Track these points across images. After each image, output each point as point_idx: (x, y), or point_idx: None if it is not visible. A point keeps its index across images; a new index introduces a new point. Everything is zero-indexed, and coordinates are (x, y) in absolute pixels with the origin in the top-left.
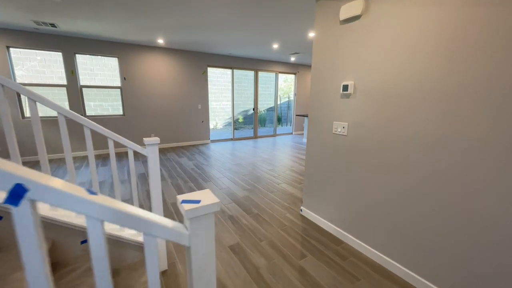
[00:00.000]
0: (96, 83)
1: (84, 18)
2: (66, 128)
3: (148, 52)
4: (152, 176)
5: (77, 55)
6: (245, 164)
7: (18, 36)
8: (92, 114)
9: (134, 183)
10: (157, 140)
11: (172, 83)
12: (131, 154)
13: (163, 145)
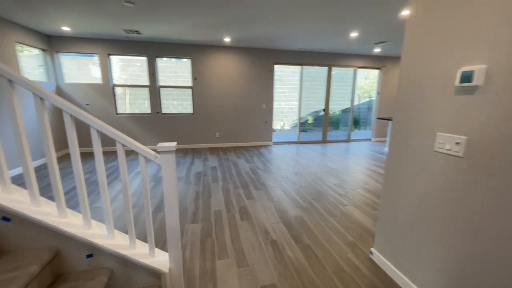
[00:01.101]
0: (171, 84)
1: (159, 22)
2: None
3: (216, 51)
4: (167, 191)
5: (157, 58)
6: (306, 173)
7: (115, 45)
8: (166, 112)
9: (147, 195)
10: (173, 147)
11: (237, 82)
12: (143, 161)
13: (225, 144)
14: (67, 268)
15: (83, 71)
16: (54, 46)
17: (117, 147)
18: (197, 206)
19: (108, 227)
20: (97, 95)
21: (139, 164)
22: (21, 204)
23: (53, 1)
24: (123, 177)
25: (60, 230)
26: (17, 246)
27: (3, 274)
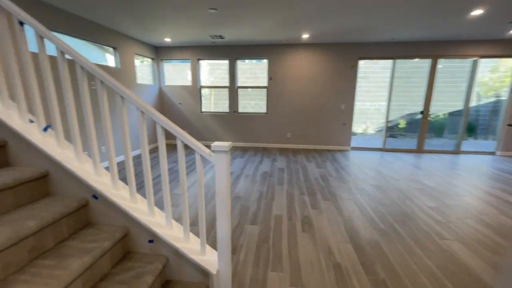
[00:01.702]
0: (251, 84)
1: (239, 25)
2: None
3: (292, 50)
4: (219, 191)
5: (238, 60)
6: (389, 188)
7: (203, 51)
8: (242, 111)
9: (202, 194)
10: (226, 147)
11: (313, 81)
12: (199, 159)
13: (295, 145)
14: (134, 248)
15: (179, 75)
16: (160, 55)
17: (177, 142)
18: (259, 207)
19: (167, 217)
20: (188, 95)
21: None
22: (105, 186)
23: (158, 19)
24: (182, 171)
25: (129, 214)
26: (100, 221)
27: (85, 243)
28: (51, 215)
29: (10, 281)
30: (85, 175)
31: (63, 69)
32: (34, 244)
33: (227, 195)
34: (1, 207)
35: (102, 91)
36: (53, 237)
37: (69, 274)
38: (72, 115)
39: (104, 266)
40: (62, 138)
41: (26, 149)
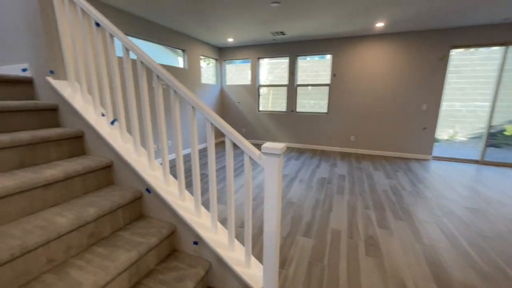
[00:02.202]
0: (311, 83)
1: (301, 18)
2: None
3: (362, 43)
4: (268, 199)
5: (299, 57)
6: (494, 214)
7: (263, 49)
8: (301, 111)
9: (249, 197)
10: (278, 150)
11: (385, 77)
12: (247, 161)
13: (360, 150)
14: (180, 246)
15: (240, 75)
16: (223, 55)
17: (225, 141)
18: (314, 217)
19: (212, 220)
20: (246, 94)
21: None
22: (157, 181)
23: (221, 19)
24: (229, 172)
25: (176, 211)
26: (151, 215)
27: (135, 236)
28: (109, 205)
29: (68, 265)
30: (141, 168)
31: (127, 67)
32: (93, 230)
33: (276, 205)
34: (72, 192)
35: (158, 85)
36: (110, 226)
37: (116, 267)
38: (133, 111)
39: (150, 262)
40: (124, 131)
41: (97, 140)
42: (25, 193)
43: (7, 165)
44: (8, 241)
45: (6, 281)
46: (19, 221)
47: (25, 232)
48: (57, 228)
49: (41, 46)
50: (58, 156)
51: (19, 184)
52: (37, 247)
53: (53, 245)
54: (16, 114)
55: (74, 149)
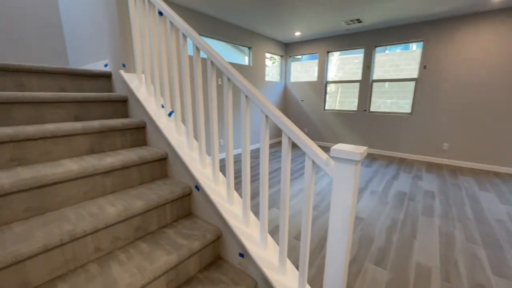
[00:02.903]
0: (386, 78)
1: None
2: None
3: (467, 24)
4: (335, 221)
5: (377, 48)
6: None
7: (334, 41)
8: (375, 110)
9: (309, 207)
10: (356, 154)
11: (500, 68)
12: (309, 165)
13: (456, 161)
14: (225, 255)
15: (306, 72)
16: (288, 51)
17: (282, 139)
18: (389, 241)
19: (261, 233)
20: (311, 91)
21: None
22: (206, 178)
23: (290, 11)
24: (285, 175)
25: (221, 215)
26: (199, 214)
27: (179, 237)
28: (156, 199)
29: (112, 257)
30: (191, 163)
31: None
32: (140, 224)
33: (348, 232)
34: (128, 182)
35: (212, 74)
36: (157, 221)
37: (152, 270)
38: (188, 103)
39: (191, 268)
40: (179, 123)
41: (155, 131)
42: (87, 178)
43: (79, 150)
44: (62, 226)
45: (56, 265)
46: (80, 205)
47: (79, 218)
48: (105, 218)
49: (117, 42)
50: (123, 145)
51: (81, 170)
52: (85, 235)
53: (100, 234)
54: (94, 105)
55: (136, 139)
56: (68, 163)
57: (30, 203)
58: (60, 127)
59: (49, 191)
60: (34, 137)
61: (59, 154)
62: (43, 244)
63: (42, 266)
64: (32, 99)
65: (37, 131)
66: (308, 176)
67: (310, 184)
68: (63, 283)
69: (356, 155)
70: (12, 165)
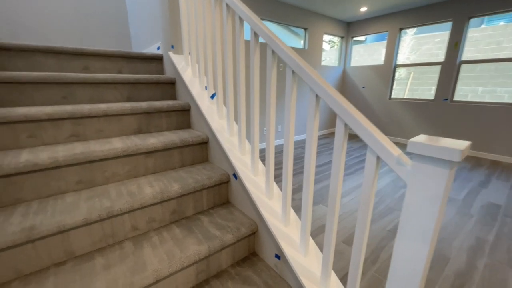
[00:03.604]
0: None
1: None
2: None
3: None
4: (404, 236)
5: (471, 20)
6: None
7: (409, 15)
8: (460, 100)
9: (367, 215)
10: (455, 152)
11: None
12: (372, 162)
13: None
14: (259, 252)
15: (369, 55)
16: (351, 32)
17: (337, 125)
18: (472, 266)
19: (302, 236)
20: (375, 77)
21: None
22: (245, 167)
23: None
24: (336, 171)
25: (257, 209)
26: (236, 204)
27: (212, 226)
28: (192, 184)
29: (147, 238)
30: (230, 150)
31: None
32: (175, 208)
33: (424, 261)
34: (169, 164)
35: (255, 45)
36: (193, 206)
37: (181, 259)
38: (229, 85)
39: (223, 261)
40: (221, 106)
41: (198, 114)
42: (130, 157)
43: (128, 130)
44: (103, 202)
45: (96, 238)
46: (123, 182)
47: (118, 196)
48: (142, 199)
49: (167, 24)
50: (168, 127)
51: (125, 148)
52: (122, 213)
53: (137, 214)
54: (144, 86)
55: (181, 121)
56: (116, 141)
57: (82, 177)
58: (111, 107)
59: (98, 167)
60: (89, 115)
61: (110, 132)
62: (84, 218)
63: (84, 238)
64: (92, 80)
65: (91, 109)
66: (369, 176)
67: (371, 187)
68: (101, 257)
69: (454, 153)
70: (71, 140)
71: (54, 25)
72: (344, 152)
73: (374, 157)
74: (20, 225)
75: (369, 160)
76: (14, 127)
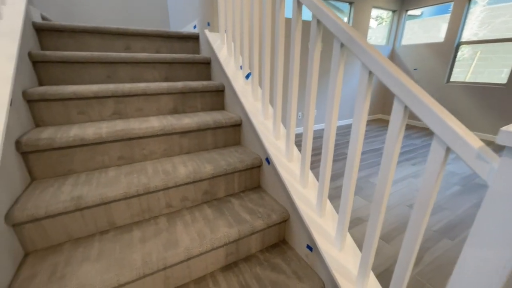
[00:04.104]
0: None
1: None
2: None
3: None
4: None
5: None
6: None
7: None
8: None
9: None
10: None
11: None
12: (439, 154)
13: None
14: (290, 241)
15: (425, 31)
16: (405, 4)
17: (394, 107)
18: None
19: (338, 229)
20: (431, 57)
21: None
22: (278, 152)
23: None
24: (388, 161)
25: (290, 196)
26: (267, 189)
27: (243, 210)
28: (224, 166)
29: (180, 215)
30: (264, 133)
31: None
32: (207, 188)
33: None
34: (203, 144)
35: (297, 16)
36: (224, 188)
37: (210, 240)
38: (266, 64)
39: (252, 246)
40: (256, 87)
41: (232, 95)
42: (166, 136)
43: (165, 109)
44: (140, 178)
45: (135, 212)
46: (159, 160)
47: (154, 173)
48: (175, 178)
49: (203, 1)
50: (202, 107)
51: (161, 127)
52: (157, 190)
53: (171, 192)
54: (181, 66)
55: (216, 102)
56: (153, 120)
57: (123, 153)
58: (149, 86)
59: (137, 144)
60: (130, 94)
61: (148, 111)
62: (123, 192)
63: (124, 211)
64: (132, 59)
65: (131, 88)
66: (433, 172)
67: (434, 185)
68: (137, 230)
69: None
70: (114, 118)
71: (99, 6)
72: (400, 141)
73: (442, 149)
74: (70, 194)
75: (435, 152)
76: (66, 104)
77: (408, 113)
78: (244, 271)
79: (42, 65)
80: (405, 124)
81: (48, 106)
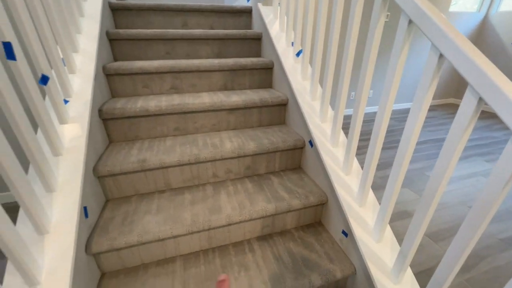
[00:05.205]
0: None
1: None
2: None
3: None
4: None
5: None
6: None
7: None
8: None
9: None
10: None
11: None
12: None
13: None
14: (326, 223)
15: None
16: None
17: (465, 99)
18: None
19: (378, 220)
20: None
21: None
22: (323, 136)
23: None
24: (450, 154)
25: (330, 182)
26: (308, 171)
27: (282, 188)
28: (267, 145)
29: (224, 186)
30: (310, 115)
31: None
32: (250, 164)
33: None
34: (249, 122)
35: None
36: (265, 166)
37: (249, 212)
38: (319, 41)
39: (288, 223)
40: (306, 65)
41: (281, 73)
42: (215, 112)
43: (216, 86)
44: (192, 149)
45: (186, 178)
46: (208, 134)
47: (204, 145)
48: (221, 152)
49: None
50: (250, 85)
51: (212, 103)
52: (205, 161)
53: (217, 163)
54: (232, 42)
55: (264, 80)
56: (205, 96)
57: (178, 124)
58: (202, 63)
59: (190, 118)
60: (185, 70)
61: (201, 87)
62: (177, 160)
63: (178, 175)
64: (189, 36)
65: (187, 65)
66: (504, 168)
67: (503, 185)
68: (188, 194)
69: None
70: (171, 92)
71: None
72: (466, 139)
73: None
74: (137, 156)
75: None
76: (133, 78)
77: (482, 106)
78: (278, 243)
79: (116, 42)
80: (475, 119)
81: (120, 80)
